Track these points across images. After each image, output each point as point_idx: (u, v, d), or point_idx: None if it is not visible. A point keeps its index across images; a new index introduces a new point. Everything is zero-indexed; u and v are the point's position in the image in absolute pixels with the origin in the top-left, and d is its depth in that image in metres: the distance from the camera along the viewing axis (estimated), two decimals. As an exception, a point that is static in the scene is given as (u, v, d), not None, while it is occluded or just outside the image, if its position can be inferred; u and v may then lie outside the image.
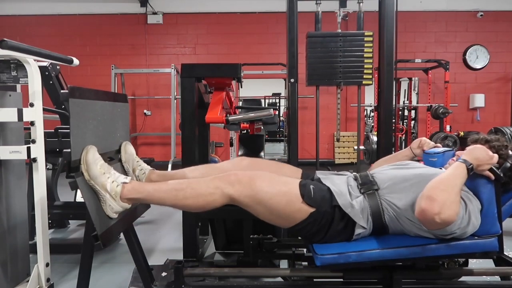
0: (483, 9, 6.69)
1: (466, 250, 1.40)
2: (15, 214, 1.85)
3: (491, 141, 1.51)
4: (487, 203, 1.41)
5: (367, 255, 1.39)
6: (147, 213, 1.99)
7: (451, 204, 1.29)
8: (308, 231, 1.46)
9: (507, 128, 3.15)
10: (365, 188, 1.50)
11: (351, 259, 1.39)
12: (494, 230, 1.40)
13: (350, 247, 1.43)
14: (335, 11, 2.81)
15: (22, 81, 1.85)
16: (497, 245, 1.40)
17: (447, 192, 1.30)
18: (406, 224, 1.44)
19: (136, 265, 1.82)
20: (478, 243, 1.40)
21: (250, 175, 1.47)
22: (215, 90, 2.39)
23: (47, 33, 6.82)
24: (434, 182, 1.33)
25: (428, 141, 1.76)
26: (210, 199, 1.43)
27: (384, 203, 1.46)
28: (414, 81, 6.71)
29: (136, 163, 1.73)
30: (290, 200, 1.43)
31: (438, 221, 1.28)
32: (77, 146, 1.42)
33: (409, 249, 1.40)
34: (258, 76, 6.56)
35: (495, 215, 1.41)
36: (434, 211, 1.27)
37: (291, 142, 2.59)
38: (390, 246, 1.41)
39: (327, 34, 2.62)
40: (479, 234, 1.41)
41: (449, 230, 1.35)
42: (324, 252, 1.41)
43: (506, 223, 3.33)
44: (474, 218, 1.38)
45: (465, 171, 1.36)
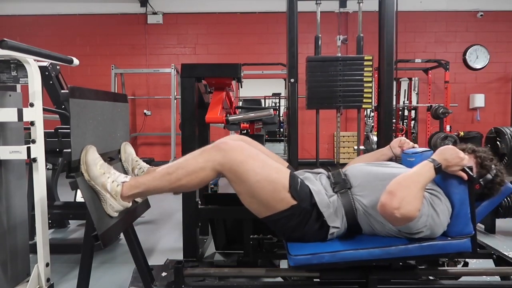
0: (483, 9, 6.69)
1: (439, 250, 1.40)
2: (15, 214, 1.85)
3: (478, 151, 1.53)
4: (459, 203, 1.41)
5: (340, 255, 1.40)
6: (147, 213, 1.99)
7: (411, 200, 1.29)
8: (284, 224, 1.45)
9: (507, 128, 3.14)
10: (338, 187, 1.50)
11: (324, 260, 1.39)
12: (467, 230, 1.41)
13: (324, 247, 1.43)
14: (335, 11, 2.81)
15: (22, 81, 1.85)
16: (470, 246, 1.40)
17: (409, 188, 1.30)
18: (376, 224, 1.45)
19: (136, 265, 1.82)
20: (451, 244, 1.40)
21: (243, 146, 1.45)
22: (215, 90, 2.39)
23: (47, 33, 6.82)
24: (398, 178, 1.34)
25: (407, 141, 1.77)
26: (203, 175, 1.42)
27: (356, 202, 1.46)
28: (414, 81, 6.71)
29: (135, 163, 1.74)
30: (276, 188, 1.42)
31: (397, 216, 1.28)
32: (77, 146, 1.42)
33: (382, 250, 1.40)
34: (258, 76, 6.57)
35: (468, 215, 1.40)
36: (393, 205, 1.27)
37: (291, 142, 2.59)
38: (363, 247, 1.42)
39: (326, 59, 2.66)
40: (452, 235, 1.41)
41: (414, 228, 1.35)
42: (298, 253, 1.41)
43: (506, 223, 3.35)
44: (443, 218, 1.38)
45: (431, 170, 1.36)
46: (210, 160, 1.41)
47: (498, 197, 1.55)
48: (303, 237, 1.48)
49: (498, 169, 1.50)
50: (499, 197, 1.56)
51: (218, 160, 1.40)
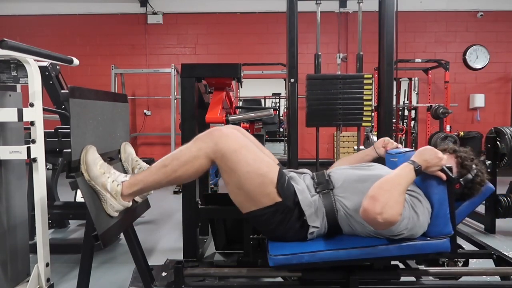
0: (483, 9, 6.68)
1: (418, 251, 1.40)
2: (15, 214, 1.85)
3: (459, 151, 1.53)
4: (438, 204, 1.41)
5: (319, 256, 1.40)
6: (147, 213, 1.99)
7: (393, 204, 1.29)
8: (266, 221, 1.45)
9: (507, 128, 3.14)
10: (320, 187, 1.50)
11: (304, 260, 1.40)
12: (446, 231, 1.41)
13: (304, 247, 1.43)
14: (335, 11, 2.81)
15: (22, 81, 1.85)
16: (449, 246, 1.40)
17: (390, 192, 1.30)
18: (357, 225, 1.45)
19: (136, 265, 1.82)
20: (430, 244, 1.41)
21: (237, 135, 1.45)
22: (215, 90, 2.39)
23: (47, 33, 6.82)
24: (379, 182, 1.33)
25: (391, 141, 1.77)
26: (197, 164, 1.41)
27: (337, 203, 1.46)
28: (414, 81, 6.71)
29: (135, 163, 1.74)
30: (264, 182, 1.42)
31: (380, 220, 1.28)
32: (78, 146, 1.43)
33: (361, 250, 1.40)
34: (258, 76, 6.57)
35: (447, 216, 1.40)
36: (376, 211, 1.27)
37: (291, 142, 2.59)
38: (342, 247, 1.42)
39: (326, 77, 2.65)
40: (431, 235, 1.41)
41: (396, 231, 1.35)
42: (278, 253, 1.41)
43: (506, 223, 3.34)
44: (423, 219, 1.38)
45: (412, 172, 1.36)
46: (203, 148, 1.41)
47: (479, 197, 1.55)
48: (284, 236, 1.48)
49: (479, 169, 1.50)
50: (480, 197, 1.56)
51: (212, 147, 1.40)
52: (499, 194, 3.15)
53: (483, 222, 3.31)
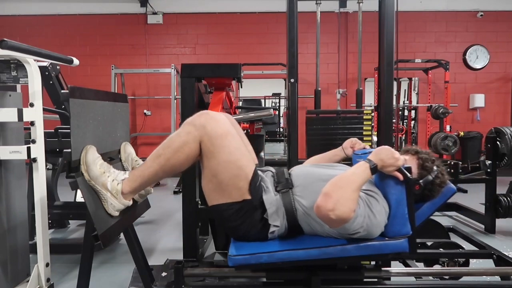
0: (483, 9, 6.68)
1: (376, 251, 1.40)
2: (15, 214, 1.85)
3: (420, 153, 1.53)
4: (396, 204, 1.41)
5: (278, 256, 1.39)
6: (147, 213, 1.99)
7: (345, 201, 1.28)
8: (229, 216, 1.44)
9: (507, 128, 3.14)
10: (280, 186, 1.49)
11: (262, 260, 1.39)
12: (404, 231, 1.40)
13: (263, 247, 1.42)
14: (335, 11, 2.81)
15: (22, 81, 1.85)
16: (407, 246, 1.40)
17: (343, 189, 1.30)
18: (316, 224, 1.44)
19: (136, 265, 1.82)
20: (388, 244, 1.40)
21: (225, 121, 1.44)
22: (215, 90, 2.40)
23: (47, 33, 6.82)
24: (333, 180, 1.33)
25: (359, 142, 1.77)
26: (187, 150, 1.40)
27: (296, 202, 1.46)
28: (414, 81, 6.71)
29: (135, 163, 1.74)
30: (239, 175, 1.41)
31: (333, 217, 1.27)
32: (78, 146, 1.43)
33: (320, 250, 1.40)
34: (258, 76, 6.56)
35: (406, 216, 1.40)
36: (328, 207, 1.27)
37: (291, 142, 2.59)
38: (301, 247, 1.41)
39: (326, 112, 2.69)
40: (390, 235, 1.41)
41: (350, 229, 1.35)
42: (237, 253, 1.40)
43: (506, 223, 3.34)
44: (379, 219, 1.38)
45: (367, 170, 1.36)
46: (191, 132, 1.40)
47: (439, 198, 1.54)
48: (246, 235, 1.47)
49: (439, 171, 1.50)
50: (441, 198, 1.55)
51: (200, 130, 1.39)
52: (499, 194, 3.15)
53: (483, 222, 3.32)
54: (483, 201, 3.28)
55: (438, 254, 1.93)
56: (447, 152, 4.82)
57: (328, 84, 6.63)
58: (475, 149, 6.10)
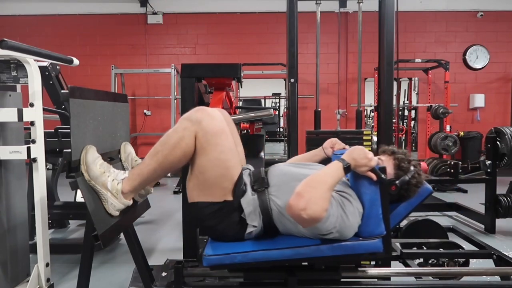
0: (483, 9, 6.68)
1: (350, 251, 1.39)
2: (15, 214, 1.85)
3: (397, 153, 1.52)
4: (369, 204, 1.41)
5: (252, 256, 1.39)
6: (147, 213, 1.99)
7: (317, 201, 1.28)
8: (208, 216, 1.43)
9: (507, 128, 3.14)
10: (256, 185, 1.48)
11: (236, 260, 1.39)
12: (378, 231, 1.40)
13: (238, 247, 1.42)
14: (335, 11, 2.81)
15: (22, 81, 1.85)
16: (381, 246, 1.39)
17: (316, 188, 1.29)
18: (290, 224, 1.43)
19: (136, 265, 1.82)
20: (361, 244, 1.40)
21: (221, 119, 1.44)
22: (215, 90, 2.40)
23: (47, 33, 6.82)
24: (306, 179, 1.33)
25: (339, 142, 1.76)
26: (184, 146, 1.39)
27: (272, 202, 1.45)
28: (414, 81, 6.71)
29: (135, 162, 1.74)
30: (225, 175, 1.41)
31: (305, 216, 1.27)
32: (78, 146, 1.43)
33: (293, 250, 1.39)
34: (258, 76, 6.57)
35: (380, 216, 1.39)
36: (300, 206, 1.26)
37: (291, 142, 2.59)
38: (276, 247, 1.41)
39: (325, 132, 2.67)
40: (364, 236, 1.41)
41: (323, 229, 1.34)
42: (211, 253, 1.40)
43: (506, 223, 3.34)
44: (352, 220, 1.37)
45: (340, 169, 1.36)
46: (187, 127, 1.39)
47: (415, 199, 1.54)
48: (222, 235, 1.47)
49: (416, 171, 1.49)
50: (417, 198, 1.55)
51: (196, 125, 1.39)
52: (499, 194, 3.15)
53: (483, 222, 3.32)
54: (483, 201, 3.28)
55: (438, 254, 1.93)
56: (447, 152, 4.82)
57: (328, 84, 6.63)
58: (475, 149, 6.10)
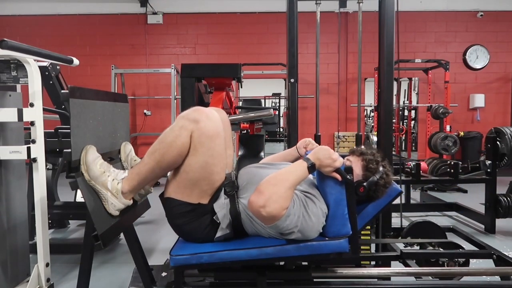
0: (483, 9, 6.68)
1: (316, 251, 1.40)
2: (15, 214, 1.85)
3: (365, 154, 1.53)
4: (335, 204, 1.41)
5: (218, 256, 1.39)
6: (147, 213, 1.99)
7: (278, 199, 1.28)
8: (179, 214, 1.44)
9: (507, 128, 3.14)
10: (228, 188, 1.47)
11: (203, 260, 1.39)
12: (344, 231, 1.40)
13: (205, 248, 1.42)
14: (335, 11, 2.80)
15: (22, 81, 1.85)
16: (347, 246, 1.40)
17: (276, 186, 1.30)
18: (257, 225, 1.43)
19: (136, 265, 1.82)
20: (327, 244, 1.40)
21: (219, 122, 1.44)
22: (215, 90, 2.40)
23: (47, 33, 6.82)
24: (268, 177, 1.33)
25: (312, 142, 1.76)
26: (179, 144, 1.39)
27: (240, 204, 1.45)
28: (414, 81, 6.71)
29: (134, 162, 1.74)
30: (208, 179, 1.41)
31: (264, 214, 1.27)
32: (78, 146, 1.43)
33: (259, 250, 1.40)
34: (258, 76, 6.57)
35: (345, 216, 1.40)
36: (259, 203, 1.27)
37: (291, 142, 2.59)
38: (242, 247, 1.41)
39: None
40: (330, 235, 1.41)
41: (284, 227, 1.34)
42: (178, 253, 1.40)
43: (506, 223, 3.34)
44: (315, 220, 1.37)
45: (304, 169, 1.36)
46: (184, 126, 1.39)
47: (384, 199, 1.55)
48: (190, 236, 1.47)
49: (384, 172, 1.49)
50: (386, 199, 1.55)
51: (193, 125, 1.38)
52: (499, 194, 3.15)
53: (483, 222, 3.31)
54: (483, 201, 3.28)
55: (438, 254, 1.93)
56: (447, 152, 4.82)
57: (328, 84, 6.63)
58: (475, 149, 6.11)
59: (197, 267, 1.46)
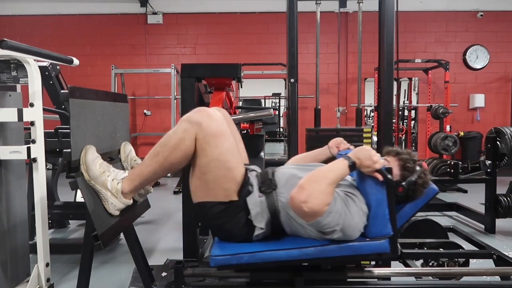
0: (483, 9, 6.68)
1: (357, 251, 1.39)
2: (15, 214, 1.85)
3: (401, 154, 1.52)
4: (376, 204, 1.40)
5: (259, 256, 1.39)
6: (147, 213, 1.99)
7: (319, 195, 1.29)
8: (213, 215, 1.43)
9: (507, 128, 3.14)
10: (264, 187, 1.47)
11: (243, 260, 1.39)
12: (385, 232, 1.39)
13: (245, 248, 1.42)
14: (335, 11, 2.81)
15: (22, 81, 1.85)
16: (388, 247, 1.39)
17: (318, 182, 1.30)
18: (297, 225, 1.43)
19: (136, 265, 1.82)
20: (368, 245, 1.39)
21: (222, 120, 1.44)
22: (215, 90, 2.40)
23: (47, 33, 6.81)
24: (309, 174, 1.34)
25: (344, 142, 1.77)
26: (184, 147, 1.40)
27: (280, 203, 1.44)
28: (414, 81, 6.70)
29: (134, 162, 1.74)
30: (227, 176, 1.41)
31: (305, 209, 1.28)
32: (77, 146, 1.43)
33: (300, 251, 1.39)
34: (258, 76, 6.56)
35: (387, 217, 1.39)
36: (301, 199, 1.27)
37: (291, 142, 2.59)
38: (282, 248, 1.41)
39: (325, 130, 2.66)
40: (370, 236, 1.41)
41: (325, 225, 1.33)
42: (218, 253, 1.40)
43: (506, 223, 3.34)
44: (357, 220, 1.37)
45: (345, 167, 1.37)
46: (188, 129, 1.40)
47: (422, 199, 1.54)
48: (229, 236, 1.47)
49: (421, 171, 1.49)
50: (424, 199, 1.55)
51: (196, 127, 1.39)
52: (499, 194, 3.15)
53: (483, 222, 3.32)
54: (483, 201, 3.28)
55: (438, 254, 1.93)
56: (447, 152, 4.82)
57: (328, 84, 6.63)
58: (475, 149, 6.11)
59: (237, 267, 1.46)
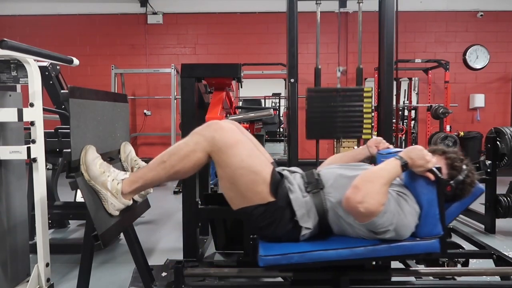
0: (483, 9, 6.68)
1: (407, 251, 1.39)
2: (15, 214, 1.85)
3: (448, 152, 1.52)
4: (427, 204, 1.40)
5: (309, 256, 1.39)
6: (147, 213, 1.99)
7: (375, 195, 1.29)
8: (256, 218, 1.44)
9: (507, 128, 3.14)
10: (311, 187, 1.48)
11: (293, 260, 1.39)
12: (436, 231, 1.40)
13: (294, 248, 1.42)
14: (335, 11, 2.81)
15: (22, 81, 1.85)
16: (438, 247, 1.39)
17: (373, 182, 1.31)
18: (346, 225, 1.44)
19: (136, 265, 1.82)
20: (419, 244, 1.40)
21: (234, 129, 1.45)
22: (215, 90, 2.40)
23: (47, 33, 6.81)
24: (363, 174, 1.34)
25: (383, 141, 1.77)
26: (195, 159, 1.41)
27: (328, 202, 1.45)
28: (414, 81, 6.70)
29: (134, 162, 1.74)
30: (256, 180, 1.41)
31: (361, 210, 1.28)
32: (77, 146, 1.43)
33: (350, 250, 1.39)
34: (258, 76, 6.56)
35: (437, 216, 1.39)
36: (357, 199, 1.28)
37: (291, 142, 2.59)
38: (332, 248, 1.41)
39: (326, 90, 2.67)
40: (421, 235, 1.41)
41: (380, 225, 1.34)
42: (268, 253, 1.40)
43: (506, 223, 3.34)
44: (409, 219, 1.38)
45: (397, 167, 1.37)
46: (200, 142, 1.41)
47: (469, 198, 1.54)
48: (275, 236, 1.47)
49: (469, 170, 1.49)
50: (470, 198, 1.55)
51: (209, 141, 1.40)
52: (499, 194, 3.15)
53: (483, 222, 3.31)
54: (483, 201, 3.28)
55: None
56: (447, 152, 4.82)
57: (328, 84, 6.63)
58: (475, 149, 6.10)
59: (286, 267, 1.46)
